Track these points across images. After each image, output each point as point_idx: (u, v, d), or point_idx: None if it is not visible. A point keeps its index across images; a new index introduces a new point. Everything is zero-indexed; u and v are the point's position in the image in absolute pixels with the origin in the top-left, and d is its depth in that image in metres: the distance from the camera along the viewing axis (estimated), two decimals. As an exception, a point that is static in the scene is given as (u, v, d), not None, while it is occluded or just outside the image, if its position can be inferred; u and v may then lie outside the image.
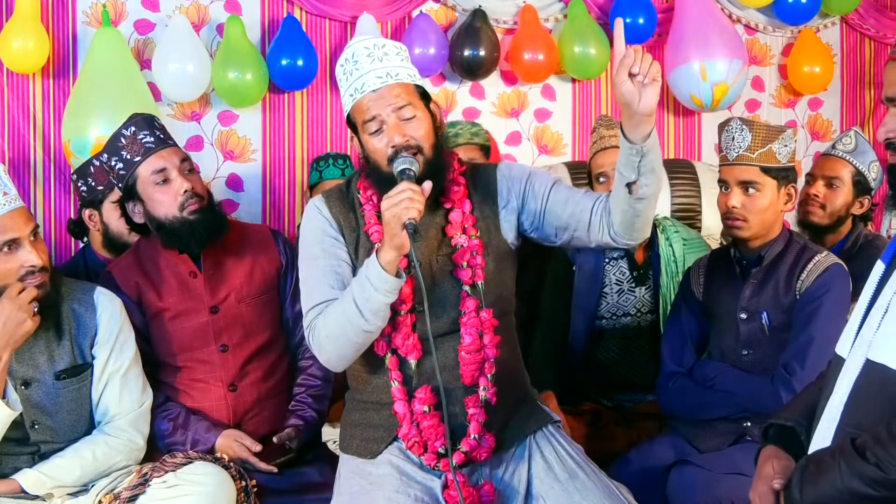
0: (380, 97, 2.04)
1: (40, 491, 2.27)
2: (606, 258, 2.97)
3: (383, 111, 2.03)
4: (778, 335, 2.46)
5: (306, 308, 2.12)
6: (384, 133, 2.04)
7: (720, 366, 2.56)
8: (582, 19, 4.14)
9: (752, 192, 2.47)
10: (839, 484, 1.52)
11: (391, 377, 2.10)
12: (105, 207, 2.99)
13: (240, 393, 2.56)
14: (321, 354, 2.10)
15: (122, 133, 2.51)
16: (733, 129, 2.50)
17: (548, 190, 2.13)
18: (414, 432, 2.08)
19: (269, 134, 4.01)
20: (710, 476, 2.34)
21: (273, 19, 3.97)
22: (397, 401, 2.10)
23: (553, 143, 4.32)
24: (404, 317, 2.08)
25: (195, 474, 2.25)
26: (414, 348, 2.08)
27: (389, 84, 2.04)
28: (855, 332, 1.66)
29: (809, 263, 2.46)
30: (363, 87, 2.05)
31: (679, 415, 2.62)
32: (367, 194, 2.15)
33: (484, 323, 2.09)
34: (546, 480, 2.07)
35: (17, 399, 2.24)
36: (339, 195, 2.21)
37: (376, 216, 2.11)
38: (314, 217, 2.18)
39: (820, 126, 4.66)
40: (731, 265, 2.59)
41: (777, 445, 1.78)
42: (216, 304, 2.55)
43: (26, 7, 3.57)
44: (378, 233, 2.09)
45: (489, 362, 2.10)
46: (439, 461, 2.07)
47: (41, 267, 2.25)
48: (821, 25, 4.56)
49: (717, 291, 2.61)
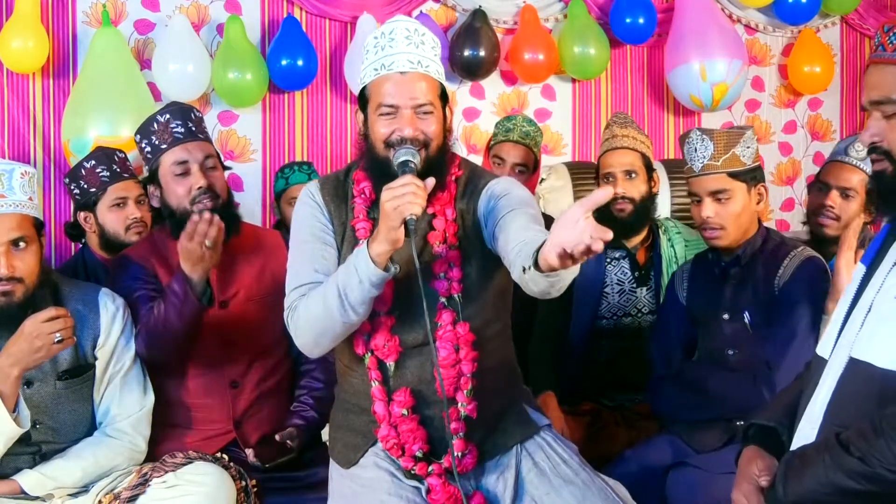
0: (405, 82, 1.97)
1: (41, 492, 2.26)
2: (608, 258, 2.97)
3: (403, 101, 1.97)
4: (762, 332, 2.47)
5: (290, 289, 2.06)
6: (395, 119, 1.97)
7: (706, 366, 2.58)
8: (582, 19, 4.14)
9: (724, 200, 2.47)
10: (823, 478, 1.53)
11: (370, 377, 2.05)
12: (99, 209, 2.99)
13: (241, 390, 2.56)
14: (298, 338, 2.05)
15: (156, 118, 2.53)
16: (694, 141, 2.50)
17: (503, 214, 1.95)
18: (392, 434, 2.03)
19: (269, 134, 4.01)
20: (708, 476, 2.34)
21: (273, 19, 3.98)
22: (377, 401, 2.05)
23: (553, 143, 4.32)
24: (384, 318, 2.03)
25: (195, 474, 2.25)
26: (393, 351, 2.03)
27: (419, 72, 1.98)
28: (837, 333, 1.68)
29: (786, 259, 2.48)
30: (392, 66, 1.97)
31: (669, 416, 2.64)
32: (360, 187, 2.09)
33: (460, 337, 2.02)
34: (541, 487, 2.04)
35: (27, 416, 2.21)
36: (335, 183, 2.15)
37: (365, 211, 2.07)
38: (307, 201, 2.13)
39: (820, 126, 4.66)
40: (711, 267, 2.61)
41: (758, 446, 1.80)
42: (225, 300, 2.56)
43: (26, 7, 3.58)
44: (364, 229, 2.04)
45: (465, 377, 2.03)
46: (416, 465, 2.03)
47: (8, 277, 2.21)
48: (821, 25, 4.56)
49: (699, 294, 2.63)
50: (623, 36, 4.19)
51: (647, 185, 2.94)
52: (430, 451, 2.02)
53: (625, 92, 4.41)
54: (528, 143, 3.21)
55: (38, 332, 2.12)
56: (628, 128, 2.96)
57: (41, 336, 2.12)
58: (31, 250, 2.26)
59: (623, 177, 2.90)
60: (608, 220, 2.94)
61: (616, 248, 2.99)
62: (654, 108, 4.46)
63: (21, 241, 2.23)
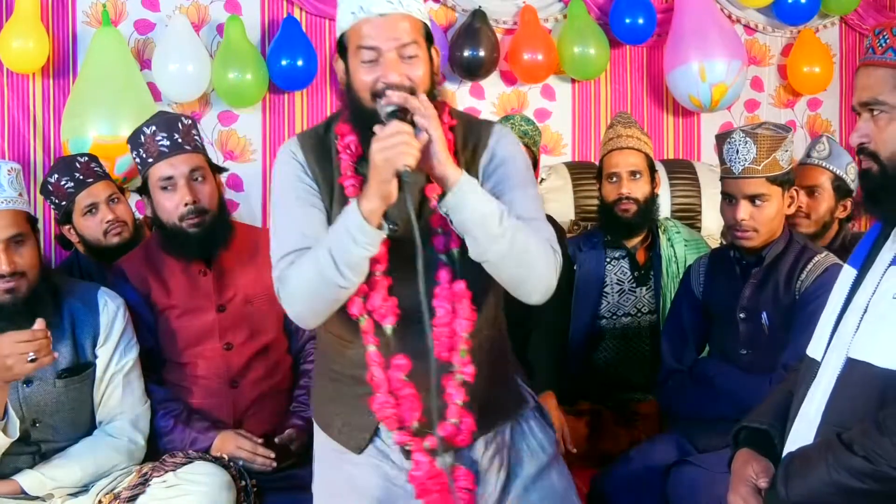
0: (385, 24, 1.78)
1: (41, 492, 2.27)
2: (608, 258, 2.98)
3: (385, 43, 1.78)
4: (777, 335, 2.46)
5: (276, 258, 1.88)
6: (379, 66, 1.79)
7: (720, 365, 2.56)
8: (582, 19, 4.14)
9: (760, 204, 2.44)
10: (827, 478, 1.53)
11: (366, 341, 1.85)
12: (75, 220, 2.96)
13: (241, 390, 2.57)
14: (291, 308, 1.86)
15: (143, 130, 2.53)
16: (737, 142, 2.45)
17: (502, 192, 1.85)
18: (389, 402, 1.85)
19: (269, 134, 4.01)
20: (710, 475, 2.34)
21: (273, 19, 3.97)
22: (373, 366, 1.85)
23: (553, 143, 4.32)
24: (380, 278, 1.83)
25: (195, 474, 2.25)
26: (390, 312, 1.83)
27: (399, 12, 1.80)
28: (829, 335, 1.68)
29: (809, 264, 2.46)
30: (369, 8, 1.79)
31: (677, 412, 2.62)
32: (345, 141, 1.89)
33: (456, 295, 1.84)
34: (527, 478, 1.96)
35: (16, 423, 2.21)
36: (316, 139, 1.94)
37: (352, 167, 1.88)
38: (287, 161, 1.92)
39: (819, 126, 4.66)
40: (731, 265, 2.59)
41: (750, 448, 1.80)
42: (223, 304, 2.56)
43: (26, 7, 3.57)
44: (353, 186, 1.85)
45: (460, 337, 1.84)
46: (411, 440, 1.85)
47: (10, 273, 2.22)
48: (820, 26, 4.56)
49: (716, 290, 2.61)
50: (623, 36, 4.19)
51: (651, 186, 2.94)
52: (426, 423, 1.84)
53: (624, 92, 4.41)
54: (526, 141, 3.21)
55: (11, 352, 2.11)
56: (632, 128, 2.96)
57: (13, 356, 2.11)
58: (29, 245, 2.28)
59: (628, 177, 2.90)
60: (612, 220, 2.95)
61: (616, 248, 2.99)
62: (654, 108, 4.45)
63: (19, 237, 2.24)
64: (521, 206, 1.83)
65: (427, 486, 1.84)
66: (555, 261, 1.83)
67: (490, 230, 1.73)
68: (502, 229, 1.74)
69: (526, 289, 1.82)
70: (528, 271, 1.79)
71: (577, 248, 3.00)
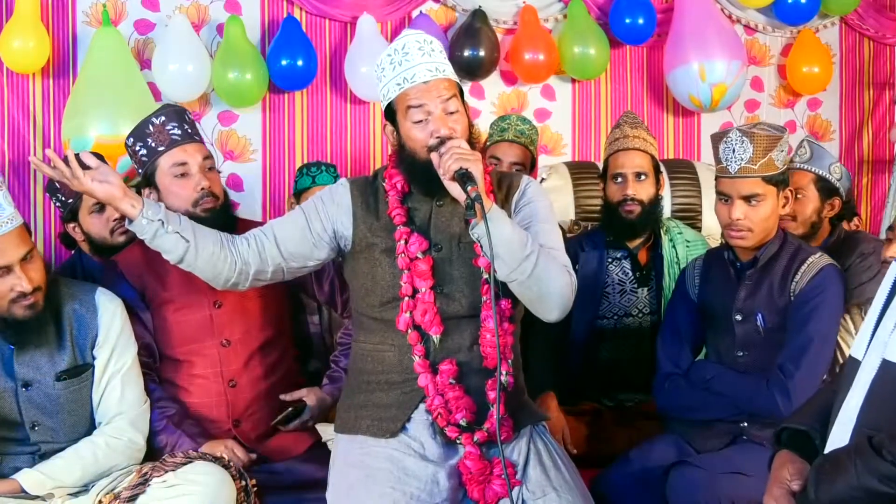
0: (430, 89, 2.12)
1: (41, 491, 2.26)
2: (609, 258, 2.97)
3: (432, 102, 2.11)
4: (773, 336, 2.46)
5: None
6: (430, 123, 2.12)
7: (717, 367, 2.56)
8: (582, 19, 4.15)
9: (756, 203, 2.44)
10: (855, 482, 1.51)
11: (414, 352, 2.16)
12: (82, 217, 2.96)
13: (239, 390, 2.56)
14: None
15: (151, 121, 2.53)
16: (733, 142, 2.45)
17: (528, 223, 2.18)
18: (440, 402, 2.14)
19: (269, 134, 4.01)
20: (709, 476, 2.34)
21: (273, 19, 3.98)
22: (421, 374, 2.16)
23: (553, 143, 4.32)
24: (425, 293, 2.16)
25: (195, 474, 2.25)
26: (434, 323, 2.15)
27: (439, 77, 2.13)
28: (870, 334, 1.64)
29: (803, 265, 2.46)
30: (413, 78, 2.12)
31: (674, 415, 2.62)
32: (393, 181, 2.22)
33: (502, 311, 2.16)
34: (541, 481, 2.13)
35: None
36: (365, 182, 2.30)
37: (399, 200, 2.21)
38: (335, 189, 2.30)
39: (819, 126, 4.67)
40: (726, 266, 2.59)
41: (790, 450, 1.77)
42: (219, 299, 2.56)
43: (26, 7, 3.58)
44: (399, 215, 2.19)
45: (508, 348, 2.18)
46: (461, 434, 2.13)
47: (33, 289, 2.25)
48: (820, 26, 4.56)
49: (712, 292, 2.61)
50: (623, 36, 4.19)
51: (655, 188, 2.94)
52: (474, 420, 2.14)
53: (624, 92, 4.41)
54: (523, 141, 3.20)
55: None
56: (639, 129, 2.95)
57: None
58: (36, 256, 2.31)
59: (634, 178, 2.89)
60: (616, 221, 2.95)
61: (618, 249, 2.99)
62: (654, 108, 4.46)
63: (28, 254, 2.25)
64: (545, 237, 2.14)
65: (475, 476, 2.11)
66: (570, 283, 2.11)
67: (515, 253, 2.01)
68: (527, 253, 2.02)
69: (546, 306, 2.11)
70: (548, 291, 2.07)
71: (578, 247, 2.99)
